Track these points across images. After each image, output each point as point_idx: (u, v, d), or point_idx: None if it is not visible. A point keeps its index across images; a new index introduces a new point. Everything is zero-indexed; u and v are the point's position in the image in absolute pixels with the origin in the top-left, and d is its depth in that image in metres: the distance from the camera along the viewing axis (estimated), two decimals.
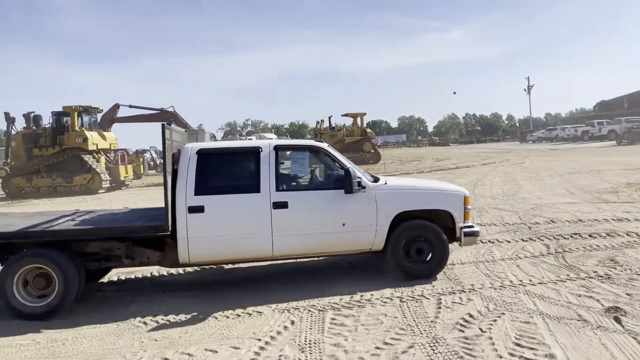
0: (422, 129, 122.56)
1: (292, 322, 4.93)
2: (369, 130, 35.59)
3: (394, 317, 4.90)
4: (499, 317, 4.74)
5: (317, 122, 36.69)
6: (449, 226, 6.27)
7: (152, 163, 37.57)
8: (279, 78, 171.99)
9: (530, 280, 5.79)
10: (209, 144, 6.31)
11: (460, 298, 5.35)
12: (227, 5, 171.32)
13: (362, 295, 5.59)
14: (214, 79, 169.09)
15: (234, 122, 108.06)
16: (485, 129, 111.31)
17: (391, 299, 5.43)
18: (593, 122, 51.22)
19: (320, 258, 7.08)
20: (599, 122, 49.52)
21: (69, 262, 5.43)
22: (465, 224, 6.25)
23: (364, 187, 5.95)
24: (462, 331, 4.46)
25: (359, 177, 5.93)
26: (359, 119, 35.58)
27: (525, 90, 73.38)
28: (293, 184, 6.26)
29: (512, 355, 3.94)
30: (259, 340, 4.54)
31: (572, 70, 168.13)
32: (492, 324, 4.57)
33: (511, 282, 5.78)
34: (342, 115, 31.37)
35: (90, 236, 5.65)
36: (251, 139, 28.58)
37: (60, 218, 6.34)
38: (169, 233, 5.55)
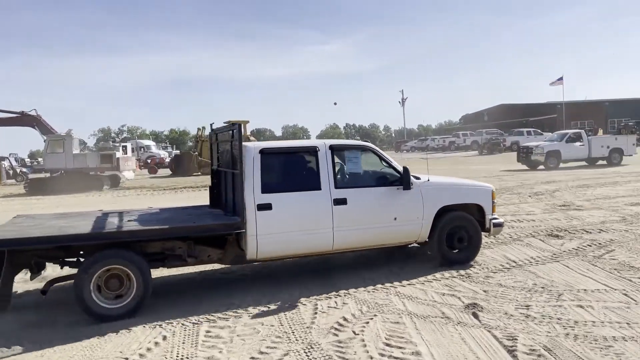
0: (305, 137, 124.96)
1: (164, 338, 4.69)
2: (252, 138, 35.34)
3: (270, 326, 4.87)
4: (371, 319, 4.92)
5: (198, 129, 35.69)
6: (476, 218, 6.97)
7: (11, 172, 33.94)
8: (158, 83, 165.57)
9: (400, 282, 6.09)
10: (268, 144, 6.49)
11: (336, 302, 5.47)
12: (108, 4, 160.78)
13: (239, 305, 5.49)
14: (87, 82, 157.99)
15: (108, 127, 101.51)
16: (364, 139, 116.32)
17: (269, 307, 5.39)
18: (458, 133, 56.02)
19: (195, 270, 6.87)
20: (464, 134, 54.32)
21: (144, 263, 5.37)
22: (493, 216, 7.02)
23: (411, 184, 6.42)
24: (337, 335, 4.56)
25: None
26: (242, 127, 35.22)
27: (399, 102, 77.92)
28: (349, 181, 6.65)
29: (382, 355, 4.10)
30: (127, 359, 4.25)
31: (442, 84, 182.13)
32: (364, 326, 4.72)
33: (383, 284, 6.04)
34: (224, 123, 30.82)
35: (168, 235, 5.58)
36: (126, 146, 26.90)
37: (108, 218, 6.24)
38: (244, 230, 5.69)
